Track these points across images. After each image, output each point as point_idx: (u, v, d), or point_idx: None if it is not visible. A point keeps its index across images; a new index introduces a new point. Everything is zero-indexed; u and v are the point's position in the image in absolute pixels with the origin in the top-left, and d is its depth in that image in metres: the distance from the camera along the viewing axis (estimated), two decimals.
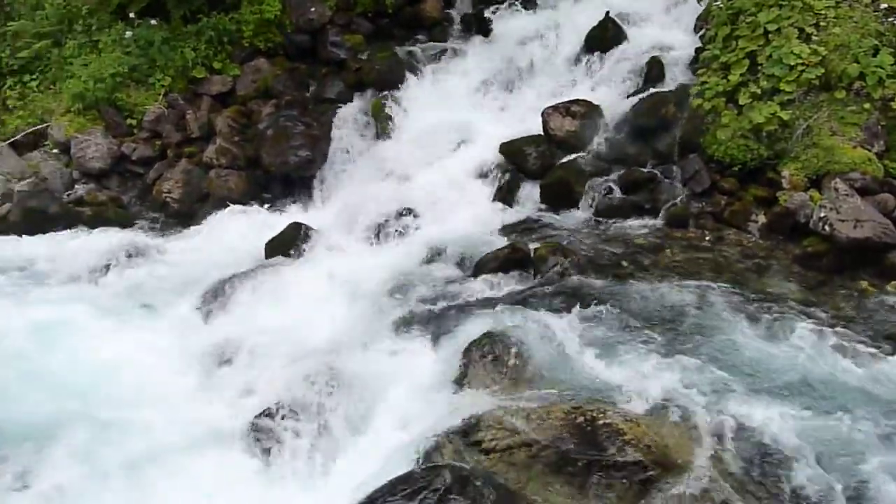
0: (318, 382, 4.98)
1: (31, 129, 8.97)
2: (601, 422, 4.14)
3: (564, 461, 4.02)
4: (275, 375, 5.14)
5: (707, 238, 6.27)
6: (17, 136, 8.91)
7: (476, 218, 6.89)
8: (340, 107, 8.43)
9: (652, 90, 7.27)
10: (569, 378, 4.73)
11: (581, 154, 7.17)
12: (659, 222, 6.55)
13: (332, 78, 8.73)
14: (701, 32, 7.62)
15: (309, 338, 5.56)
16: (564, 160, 7.19)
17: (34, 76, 9.60)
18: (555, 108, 7.35)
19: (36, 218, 7.64)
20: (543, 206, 7.04)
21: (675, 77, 7.43)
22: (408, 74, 8.43)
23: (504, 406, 4.42)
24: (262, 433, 4.68)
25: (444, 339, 5.33)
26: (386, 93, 8.30)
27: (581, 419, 4.17)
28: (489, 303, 5.58)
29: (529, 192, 7.17)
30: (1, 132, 9.20)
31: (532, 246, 6.13)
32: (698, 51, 7.38)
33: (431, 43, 8.98)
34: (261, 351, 5.41)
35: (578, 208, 6.87)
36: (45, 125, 8.92)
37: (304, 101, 8.57)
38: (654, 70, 7.48)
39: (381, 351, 5.40)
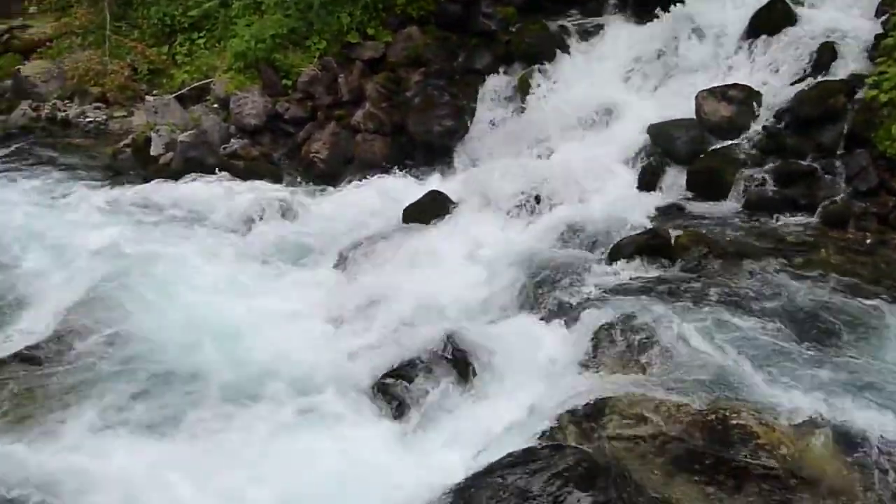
0: (446, 348, 5.05)
1: (195, 84, 9.53)
2: (734, 422, 3.99)
3: (691, 458, 3.91)
4: (405, 336, 5.24)
5: (868, 241, 5.83)
6: (183, 90, 9.50)
7: (616, 200, 6.71)
8: (487, 78, 8.41)
9: (820, 78, 6.80)
10: (702, 373, 4.54)
11: (735, 142, 6.82)
12: (814, 220, 6.14)
13: (481, 49, 8.70)
14: (884, 17, 7.02)
15: (439, 303, 5.63)
16: (716, 147, 6.86)
17: (202, 34, 10.18)
18: (710, 91, 7.02)
19: (194, 167, 8.13)
20: (689, 194, 6.75)
21: (847, 65, 6.89)
22: (558, 49, 8.26)
23: (632, 394, 4.33)
24: (389, 392, 4.80)
25: (574, 319, 5.26)
26: (534, 67, 8.18)
27: (713, 417, 4.04)
28: (623, 287, 5.45)
29: (675, 178, 6.90)
30: (169, 85, 9.83)
31: (673, 234, 5.91)
32: (878, 38, 6.81)
33: (585, 18, 8.75)
34: (394, 311, 5.52)
35: (727, 199, 6.54)
36: (208, 81, 9.44)
37: (451, 70, 8.63)
38: (825, 56, 6.96)
39: (509, 324, 5.42)
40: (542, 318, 5.39)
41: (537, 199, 6.77)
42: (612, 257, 5.81)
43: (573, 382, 4.71)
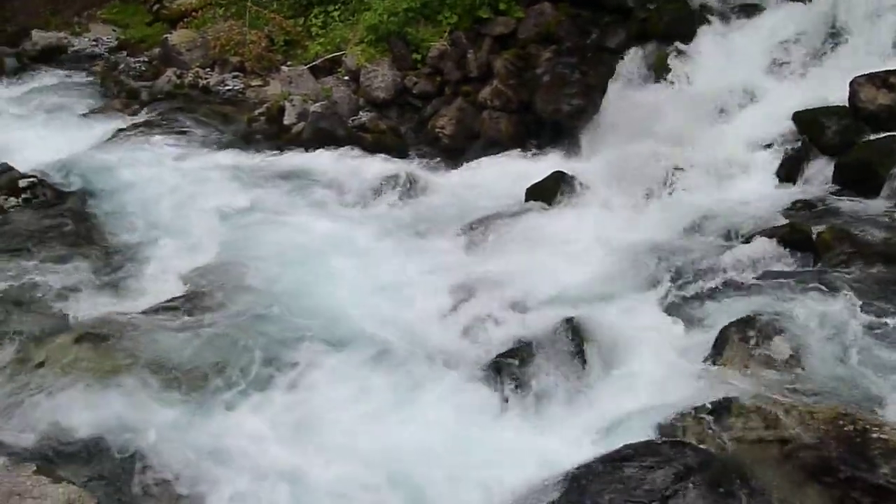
0: (563, 332, 4.95)
1: (328, 56, 9.73)
2: (875, 435, 3.71)
3: (823, 468, 3.67)
4: (522, 318, 5.19)
5: None
6: (316, 62, 9.71)
7: (753, 190, 6.37)
8: (620, 57, 8.14)
9: None
10: (840, 380, 4.29)
11: (893, 133, 6.30)
12: None
13: (616, 27, 8.43)
14: None
15: (559, 285, 5.56)
16: (871, 138, 6.36)
17: (337, 6, 10.37)
18: (868, 77, 6.50)
19: (324, 138, 8.31)
20: (835, 188, 6.30)
21: None
22: (699, 28, 7.88)
23: (761, 395, 4.11)
24: (503, 372, 4.76)
25: (700, 312, 5.10)
26: (671, 46, 7.84)
27: (850, 427, 3.77)
28: (756, 283, 5.20)
29: (820, 170, 6.46)
30: (303, 57, 10.09)
31: (815, 229, 5.55)
32: None
33: None
34: (512, 292, 5.47)
35: (879, 195, 6.04)
36: (340, 53, 9.62)
37: (583, 48, 8.41)
38: None
39: (630, 311, 5.27)
40: (666, 309, 5.21)
41: (668, 184, 6.52)
42: (746, 250, 5.52)
43: (696, 377, 4.55)
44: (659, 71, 7.84)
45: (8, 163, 7.55)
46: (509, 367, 4.80)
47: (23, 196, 6.96)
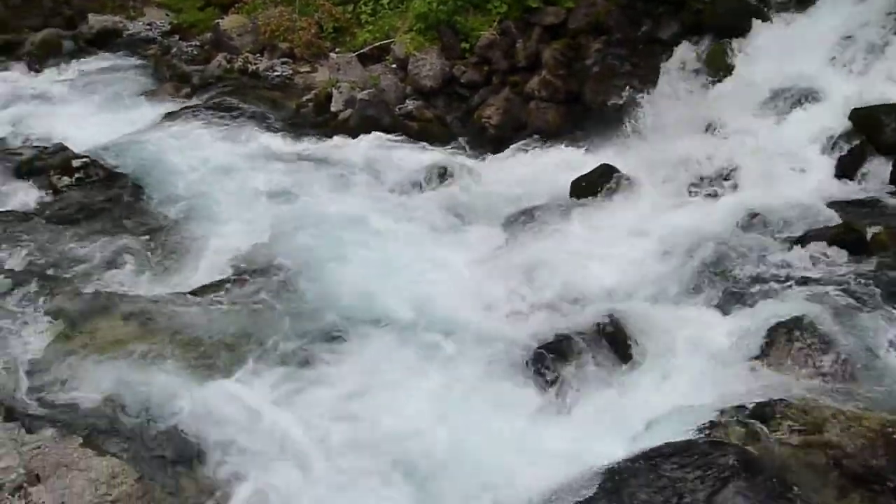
0: (606, 326, 4.90)
1: (377, 44, 9.73)
2: None
3: (871, 477, 3.58)
4: (565, 310, 5.15)
5: None
6: (365, 49, 9.73)
7: (806, 188, 6.20)
8: (672, 49, 7.98)
9: None
10: (889, 387, 4.16)
11: None
12: None
13: (669, 18, 8.25)
14: None
15: (602, 279, 5.51)
16: None
17: None
18: None
19: (370, 125, 8.32)
20: (892, 188, 6.12)
21: None
22: (755, 21, 7.68)
23: (807, 398, 4.02)
24: (544, 363, 4.73)
25: (745, 311, 4.99)
26: (726, 39, 7.66)
27: None
28: (807, 283, 5.06)
29: (878, 169, 6.26)
30: (352, 44, 10.11)
31: (870, 230, 5.39)
32: None
33: None
34: (555, 283, 5.44)
35: None
36: (389, 41, 9.61)
37: (634, 40, 8.27)
38: None
39: (675, 307, 5.21)
40: (712, 306, 5.13)
41: (719, 179, 6.39)
42: (798, 249, 5.38)
43: (741, 378, 4.47)
44: (712, 64, 7.66)
45: (62, 143, 7.74)
46: (548, 360, 4.77)
47: (76, 175, 7.11)
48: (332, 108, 8.74)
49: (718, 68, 7.56)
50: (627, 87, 7.84)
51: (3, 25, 12.00)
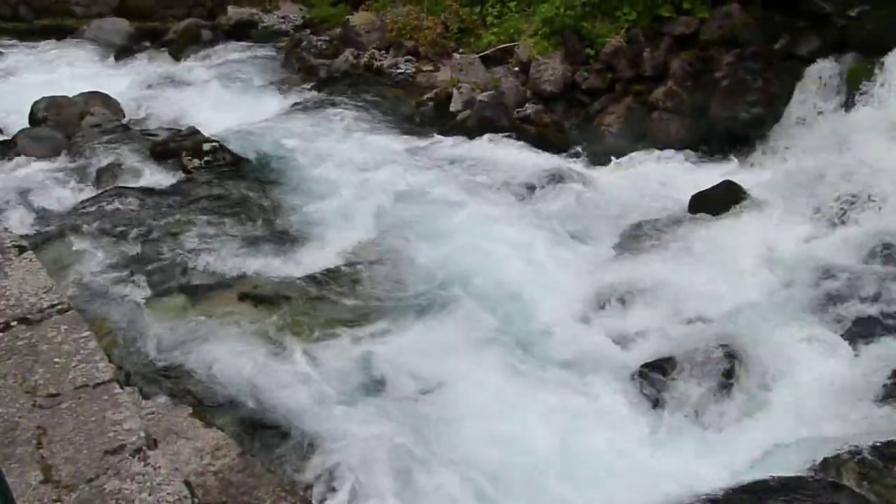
0: (718, 348, 4.71)
1: (500, 46, 9.73)
2: None
3: None
4: (675, 330, 4.98)
5: None
6: (488, 51, 9.75)
7: None
8: (810, 66, 7.57)
9: None
10: None
11: None
12: None
13: (809, 33, 7.83)
14: None
15: (717, 300, 5.31)
16: None
17: None
18: None
19: (488, 127, 8.32)
20: None
21: None
22: None
23: None
24: (649, 383, 4.59)
25: (871, 346, 4.74)
26: (873, 58, 7.20)
27: None
28: None
29: None
30: (475, 45, 10.15)
31: None
32: None
33: None
34: (666, 302, 5.27)
35: None
36: (512, 44, 9.59)
37: (769, 54, 7.89)
38: None
39: (793, 336, 4.96)
40: (835, 338, 4.83)
41: (851, 205, 6.01)
42: None
43: (861, 415, 4.23)
44: (854, 84, 7.22)
45: (195, 127, 8.15)
46: (654, 379, 4.63)
47: (205, 158, 7.47)
48: (452, 108, 8.80)
49: (859, 88, 7.11)
50: (758, 103, 7.49)
51: (150, 14, 12.78)
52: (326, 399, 4.40)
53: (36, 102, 8.52)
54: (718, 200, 6.45)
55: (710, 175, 7.08)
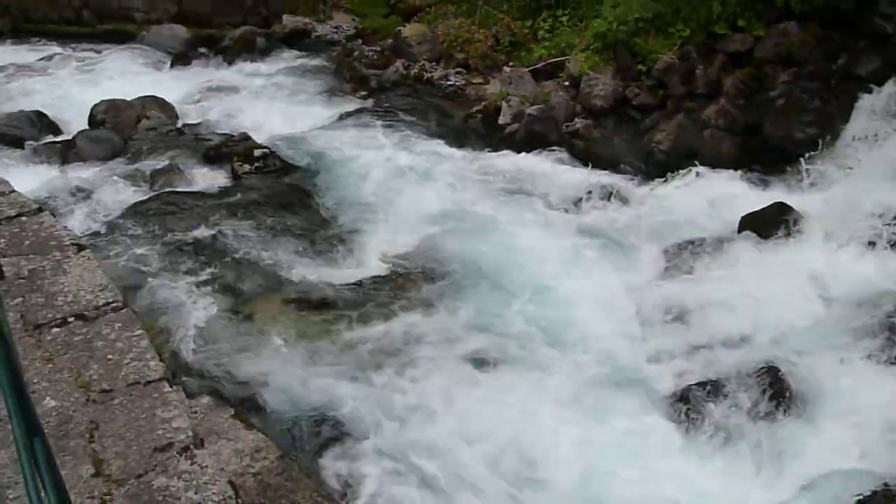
0: (763, 374, 4.62)
1: (551, 60, 9.71)
2: None
3: None
4: (719, 352, 4.90)
5: None
6: (538, 65, 9.73)
7: None
8: (871, 87, 7.40)
9: None
10: None
11: None
12: None
13: (870, 53, 7.66)
14: None
15: (765, 323, 5.23)
16: None
17: (566, 11, 10.32)
18: None
19: (536, 140, 8.30)
20: None
21: None
22: None
23: None
24: (691, 404, 4.52)
25: None
26: None
27: None
28: None
29: None
30: (526, 59, 10.14)
31: None
32: None
33: None
34: (712, 323, 5.20)
35: None
36: (563, 58, 9.55)
37: (827, 74, 7.74)
38: None
39: (843, 363, 4.86)
40: (886, 367, 4.70)
41: None
42: None
43: None
44: None
45: (247, 132, 8.29)
46: (698, 400, 4.56)
47: (255, 164, 7.60)
48: (500, 121, 8.81)
49: None
50: (814, 124, 7.35)
51: (207, 21, 13.05)
52: (366, 408, 4.42)
53: (95, 105, 8.76)
54: (769, 221, 6.33)
55: (761, 195, 6.95)
